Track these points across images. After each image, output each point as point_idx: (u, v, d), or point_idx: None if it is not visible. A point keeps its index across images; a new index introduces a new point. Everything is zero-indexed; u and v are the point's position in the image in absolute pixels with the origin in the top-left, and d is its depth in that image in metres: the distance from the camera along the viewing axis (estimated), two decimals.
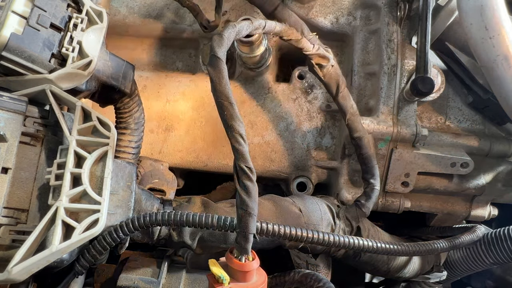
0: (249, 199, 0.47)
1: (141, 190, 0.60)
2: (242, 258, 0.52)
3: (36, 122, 0.54)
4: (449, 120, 0.93)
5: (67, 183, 0.48)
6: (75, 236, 0.46)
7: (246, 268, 0.52)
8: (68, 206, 0.47)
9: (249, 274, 0.53)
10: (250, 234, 0.50)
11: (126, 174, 0.56)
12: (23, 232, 0.51)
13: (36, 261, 0.45)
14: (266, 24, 0.56)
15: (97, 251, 0.52)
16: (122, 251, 0.58)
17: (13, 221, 0.50)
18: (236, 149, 0.46)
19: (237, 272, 0.53)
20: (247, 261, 0.52)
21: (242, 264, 0.52)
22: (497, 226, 1.15)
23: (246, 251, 0.52)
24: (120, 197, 0.55)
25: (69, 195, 0.48)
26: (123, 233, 0.52)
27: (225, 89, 0.45)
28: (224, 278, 0.52)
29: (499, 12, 0.64)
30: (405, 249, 0.68)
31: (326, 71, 0.73)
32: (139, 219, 0.53)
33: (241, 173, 0.46)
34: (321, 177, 0.94)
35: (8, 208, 0.50)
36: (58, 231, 0.46)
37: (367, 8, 0.92)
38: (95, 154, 0.50)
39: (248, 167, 0.46)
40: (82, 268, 0.53)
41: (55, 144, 0.55)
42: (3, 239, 0.49)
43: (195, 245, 0.63)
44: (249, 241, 0.50)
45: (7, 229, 0.49)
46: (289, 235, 0.58)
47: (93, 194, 0.48)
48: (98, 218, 0.47)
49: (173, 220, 0.54)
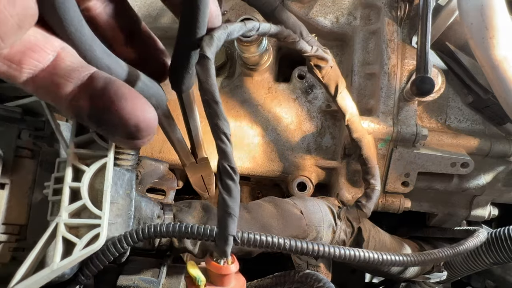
0: (230, 199, 0.46)
1: (140, 197, 0.60)
2: (221, 261, 0.51)
3: (32, 134, 0.52)
4: (449, 120, 0.93)
5: (66, 198, 0.47)
6: (76, 253, 0.45)
7: (223, 271, 0.51)
8: (68, 222, 0.46)
9: (227, 278, 0.52)
10: (230, 236, 0.48)
11: (125, 182, 0.55)
12: (22, 249, 0.49)
13: (37, 279, 0.44)
14: (260, 26, 0.55)
15: (100, 262, 0.51)
16: (123, 260, 0.58)
17: (13, 238, 0.49)
18: (219, 148, 0.45)
19: (214, 275, 0.51)
20: (226, 264, 0.51)
21: (220, 267, 0.51)
22: (497, 226, 1.16)
23: (225, 254, 0.50)
24: (120, 206, 0.54)
25: (68, 210, 0.46)
26: (127, 244, 0.51)
27: (211, 88, 0.44)
28: (200, 280, 0.51)
29: (499, 12, 0.64)
30: (408, 259, 0.67)
31: (325, 72, 0.73)
32: (144, 230, 0.52)
33: (224, 173, 0.45)
34: (321, 177, 0.94)
35: (7, 224, 0.49)
36: (58, 247, 0.45)
37: (367, 8, 0.92)
38: (94, 167, 0.48)
39: (231, 167, 0.45)
40: (85, 278, 0.52)
41: (52, 156, 0.53)
42: (3, 257, 0.48)
43: (197, 250, 0.63)
44: (229, 243, 0.49)
45: (6, 246, 0.48)
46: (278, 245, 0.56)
47: (93, 208, 0.47)
48: (99, 233, 0.46)
49: (177, 232, 0.53)
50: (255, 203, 0.72)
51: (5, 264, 0.48)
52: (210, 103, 0.44)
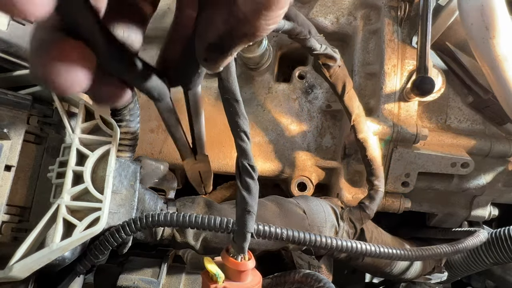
0: (250, 196, 0.47)
1: (144, 190, 0.60)
2: (238, 257, 0.52)
3: (40, 120, 0.54)
4: (449, 120, 0.93)
5: (69, 180, 0.48)
6: (76, 234, 0.46)
7: (241, 267, 0.51)
8: (70, 204, 0.47)
9: (244, 274, 0.52)
10: (248, 233, 0.49)
11: (129, 173, 0.56)
12: (25, 230, 0.51)
13: (37, 258, 0.45)
14: None
15: (99, 251, 0.52)
16: (125, 251, 0.58)
17: (15, 219, 0.50)
18: (239, 146, 0.45)
19: (232, 271, 0.52)
20: (243, 260, 0.52)
21: (238, 263, 0.51)
22: (497, 226, 1.16)
23: (243, 250, 0.51)
24: (123, 196, 0.55)
25: (70, 193, 0.48)
26: (125, 234, 0.52)
27: (232, 86, 0.44)
28: (219, 276, 0.51)
29: (499, 12, 0.64)
30: (408, 254, 0.68)
31: (333, 71, 0.73)
32: (142, 219, 0.53)
33: (243, 170, 0.46)
34: (321, 177, 0.94)
35: (11, 205, 0.50)
36: (59, 228, 0.46)
37: (367, 8, 0.92)
38: (98, 153, 0.50)
39: (251, 165, 0.45)
40: (83, 268, 0.52)
41: (59, 142, 0.55)
42: (5, 237, 0.49)
43: (199, 245, 0.63)
44: (247, 240, 0.50)
45: (9, 227, 0.49)
46: (292, 238, 0.58)
47: (94, 192, 0.48)
48: (99, 216, 0.47)
49: (176, 222, 0.54)
50: (258, 201, 0.72)
51: (6, 244, 0.49)
52: (231, 102, 0.44)
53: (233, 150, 0.92)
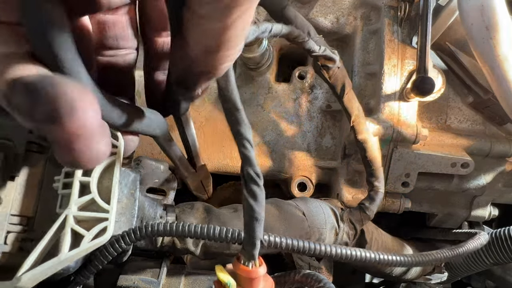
0: (256, 203, 0.47)
1: (144, 197, 0.60)
2: (249, 264, 0.52)
3: None
4: (450, 120, 0.93)
5: (76, 191, 0.49)
6: (84, 244, 0.46)
7: (253, 274, 0.51)
8: (77, 214, 0.48)
9: (256, 280, 0.53)
10: (257, 240, 0.49)
11: (129, 182, 0.56)
12: (30, 239, 0.51)
13: (45, 269, 0.45)
14: (273, 28, 0.55)
15: (99, 261, 0.52)
16: (125, 259, 0.58)
17: (21, 229, 0.50)
18: (243, 154, 0.45)
19: (244, 279, 0.52)
20: (254, 267, 0.52)
21: (250, 271, 0.51)
22: (497, 226, 1.16)
23: (253, 257, 0.51)
24: (124, 205, 0.55)
25: (77, 203, 0.48)
26: (125, 243, 0.52)
27: (232, 95, 0.44)
28: (231, 285, 0.51)
29: (499, 12, 0.64)
30: (408, 260, 0.68)
31: (332, 72, 0.73)
32: (142, 229, 0.53)
33: (248, 179, 0.46)
34: (321, 177, 0.94)
35: (16, 215, 0.50)
36: (67, 239, 0.46)
37: (367, 8, 0.92)
38: (103, 163, 0.50)
39: (256, 173, 0.45)
40: (84, 278, 0.52)
41: None
42: (11, 246, 0.49)
43: (199, 251, 0.64)
44: (256, 247, 0.49)
45: (14, 236, 0.49)
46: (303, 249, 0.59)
47: (101, 202, 0.48)
48: (107, 226, 0.47)
49: (175, 231, 0.54)
50: None
51: (12, 254, 0.49)
52: (232, 111, 0.44)
53: (233, 150, 0.92)
